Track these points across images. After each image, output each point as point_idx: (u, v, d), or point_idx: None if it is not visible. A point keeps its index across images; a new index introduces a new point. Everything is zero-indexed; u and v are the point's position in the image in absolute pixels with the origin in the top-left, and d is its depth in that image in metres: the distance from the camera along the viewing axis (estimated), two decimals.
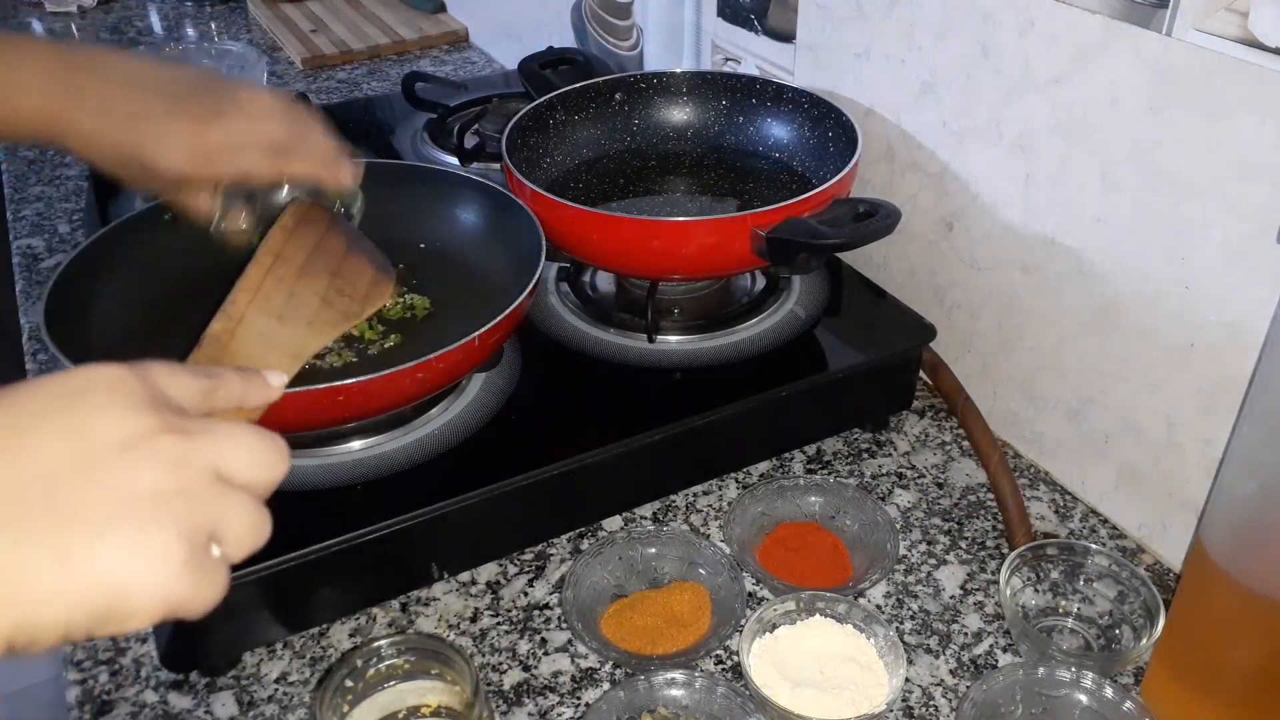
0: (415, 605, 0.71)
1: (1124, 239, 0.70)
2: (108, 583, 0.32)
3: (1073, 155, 0.71)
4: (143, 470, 0.34)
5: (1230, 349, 0.64)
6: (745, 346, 0.81)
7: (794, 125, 0.92)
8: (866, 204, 0.73)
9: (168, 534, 0.33)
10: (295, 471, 0.69)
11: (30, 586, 0.31)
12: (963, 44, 0.78)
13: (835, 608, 0.66)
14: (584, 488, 0.74)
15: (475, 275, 0.82)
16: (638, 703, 0.61)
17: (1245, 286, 0.62)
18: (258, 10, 1.83)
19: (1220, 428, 0.66)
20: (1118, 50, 0.66)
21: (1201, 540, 0.58)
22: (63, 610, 0.32)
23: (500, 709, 0.64)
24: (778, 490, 0.76)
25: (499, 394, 0.76)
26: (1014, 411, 0.84)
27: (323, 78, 1.57)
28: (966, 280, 0.84)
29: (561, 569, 0.73)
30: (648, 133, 0.97)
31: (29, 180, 1.27)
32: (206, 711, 0.64)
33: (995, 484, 0.78)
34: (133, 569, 0.33)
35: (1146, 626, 0.64)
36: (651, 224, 0.77)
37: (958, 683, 0.65)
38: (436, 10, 1.77)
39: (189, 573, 0.34)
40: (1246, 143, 0.60)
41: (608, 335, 0.83)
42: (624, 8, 1.27)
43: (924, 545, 0.75)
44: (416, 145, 1.19)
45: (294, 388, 0.62)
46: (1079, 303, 0.75)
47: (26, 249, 1.12)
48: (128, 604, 0.33)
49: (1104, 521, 0.77)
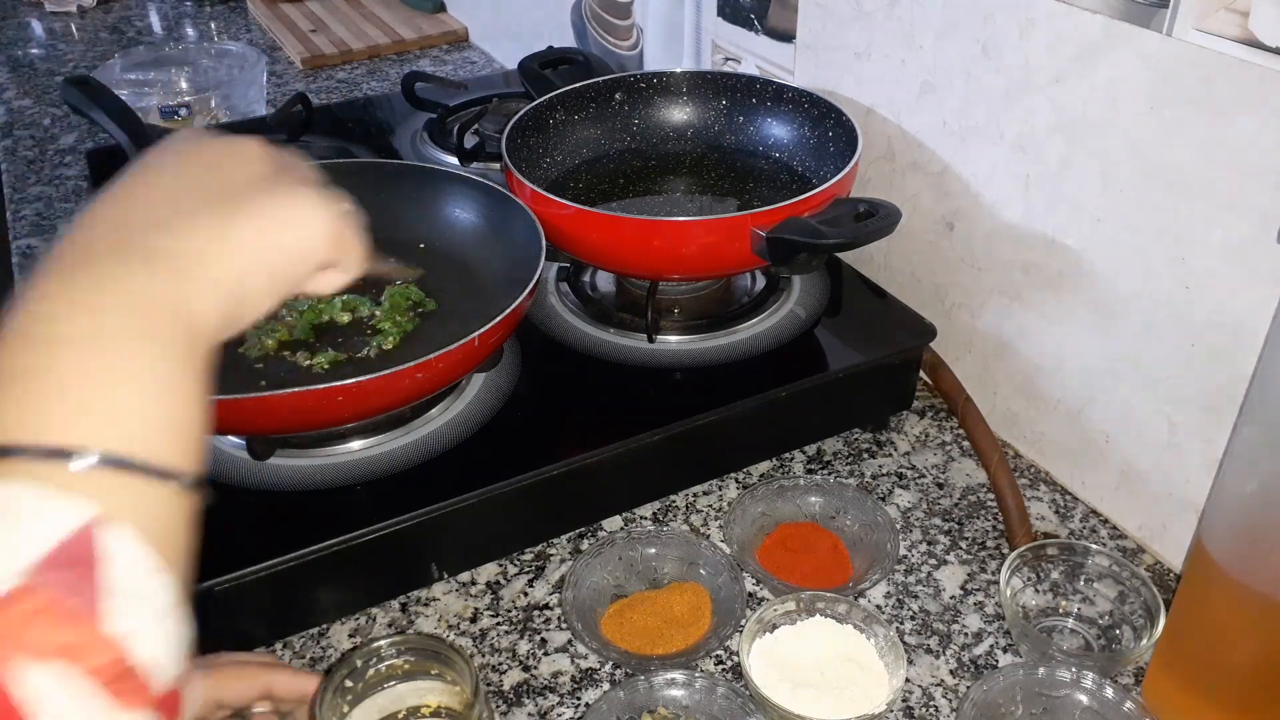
0: (415, 605, 0.71)
1: (1124, 239, 0.70)
2: (282, 219, 0.41)
3: (1073, 155, 0.71)
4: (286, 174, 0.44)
5: (1230, 349, 0.64)
6: (745, 346, 0.81)
7: (794, 125, 0.92)
8: (866, 204, 0.73)
9: (314, 194, 0.43)
10: (295, 471, 0.69)
11: (231, 241, 0.39)
12: (963, 44, 0.78)
13: (835, 608, 0.66)
14: (584, 488, 0.74)
15: (475, 275, 0.82)
16: (638, 703, 0.61)
17: (1245, 286, 0.62)
18: (257, 10, 1.83)
19: (1220, 428, 0.66)
20: (1118, 50, 0.66)
21: (1202, 540, 0.57)
22: (263, 252, 0.40)
23: (500, 709, 0.64)
24: (778, 490, 0.76)
25: (499, 394, 0.76)
26: (1014, 411, 0.84)
27: (322, 78, 1.57)
28: (967, 280, 0.84)
29: (561, 569, 0.73)
30: (648, 133, 0.97)
31: (29, 180, 1.27)
32: None
33: (995, 484, 0.78)
34: (296, 206, 0.42)
35: (1147, 627, 0.64)
36: (651, 224, 0.77)
37: (958, 683, 0.65)
38: (436, 10, 1.77)
39: (339, 215, 0.43)
40: (1246, 143, 0.60)
41: (608, 335, 0.83)
42: (624, 8, 1.27)
43: (924, 545, 0.75)
44: (416, 145, 1.19)
45: (294, 388, 0.62)
46: (1079, 303, 0.75)
47: (26, 249, 1.12)
48: (303, 232, 0.41)
49: (1104, 521, 0.77)
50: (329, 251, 0.43)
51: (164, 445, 0.34)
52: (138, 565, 0.32)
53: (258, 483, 0.68)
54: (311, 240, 0.42)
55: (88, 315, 0.34)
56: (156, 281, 0.36)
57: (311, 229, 0.42)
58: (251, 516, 0.67)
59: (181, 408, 0.35)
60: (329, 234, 0.42)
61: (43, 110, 1.48)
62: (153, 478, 0.33)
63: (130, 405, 0.34)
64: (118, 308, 0.35)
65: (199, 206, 0.39)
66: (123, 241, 0.37)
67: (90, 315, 0.34)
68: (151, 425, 0.34)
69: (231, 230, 0.39)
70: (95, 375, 0.33)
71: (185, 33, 1.81)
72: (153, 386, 0.35)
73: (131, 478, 0.33)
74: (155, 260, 0.37)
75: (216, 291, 0.38)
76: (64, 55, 1.70)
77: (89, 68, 1.60)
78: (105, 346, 0.34)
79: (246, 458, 0.69)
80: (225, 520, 0.66)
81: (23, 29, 1.82)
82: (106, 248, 0.37)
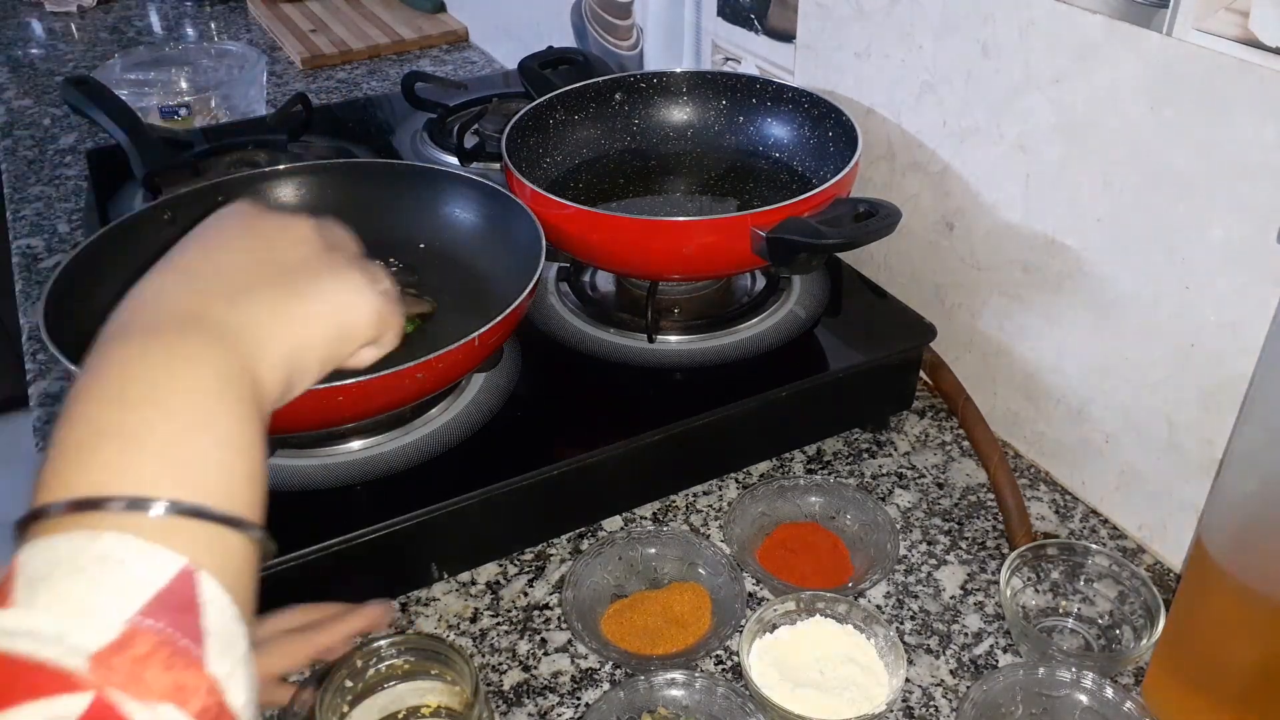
0: (415, 605, 0.71)
1: (1124, 239, 0.70)
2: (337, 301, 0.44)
3: (1073, 155, 0.71)
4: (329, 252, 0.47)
5: (1230, 349, 0.64)
6: (745, 346, 0.81)
7: (794, 125, 0.92)
8: (867, 204, 0.73)
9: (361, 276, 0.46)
10: (295, 471, 0.69)
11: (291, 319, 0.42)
12: (963, 44, 0.78)
13: (835, 608, 0.65)
14: (584, 488, 0.74)
15: (475, 275, 0.82)
16: (638, 703, 0.61)
17: (1245, 286, 0.62)
18: (257, 10, 1.83)
19: (1220, 428, 0.66)
20: (1118, 50, 0.66)
21: (1202, 540, 0.57)
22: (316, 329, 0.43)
23: (500, 709, 0.64)
24: (778, 490, 0.76)
25: (499, 394, 0.76)
26: (1014, 411, 0.84)
27: (322, 77, 1.57)
28: (967, 280, 0.84)
29: (561, 569, 0.73)
30: (648, 133, 0.97)
31: (29, 180, 1.27)
32: None
33: (995, 484, 0.78)
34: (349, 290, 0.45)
35: (1147, 627, 0.64)
36: (651, 224, 0.77)
37: (958, 683, 0.65)
38: (436, 10, 1.77)
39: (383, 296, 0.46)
40: (1246, 143, 0.60)
41: (608, 335, 0.83)
42: (624, 8, 1.27)
43: (924, 545, 0.75)
44: (416, 145, 1.19)
45: None
46: (1079, 303, 0.75)
47: (26, 249, 1.12)
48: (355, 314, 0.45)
49: (1104, 521, 0.77)
50: (374, 331, 0.46)
51: (238, 497, 0.36)
52: (226, 612, 0.34)
53: None
54: (361, 321, 0.45)
55: (165, 377, 0.36)
56: (226, 351, 0.39)
57: (361, 311, 0.45)
58: None
59: (252, 463, 0.37)
60: (376, 315, 0.46)
61: (43, 110, 1.48)
62: (229, 527, 0.35)
63: (209, 458, 0.36)
64: (193, 373, 0.37)
65: (258, 283, 0.42)
66: (193, 312, 0.39)
67: (167, 378, 0.36)
68: (227, 478, 0.36)
69: (292, 309, 0.42)
70: (176, 431, 0.35)
71: (185, 33, 1.81)
72: (228, 442, 0.36)
73: (211, 527, 0.34)
74: (224, 332, 0.39)
75: (277, 364, 0.41)
76: (64, 55, 1.70)
77: (89, 68, 1.60)
78: (184, 405, 0.36)
79: None
80: None
81: (23, 29, 1.82)
82: (177, 318, 0.39)
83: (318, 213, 0.48)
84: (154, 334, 0.38)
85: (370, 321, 0.46)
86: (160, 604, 0.31)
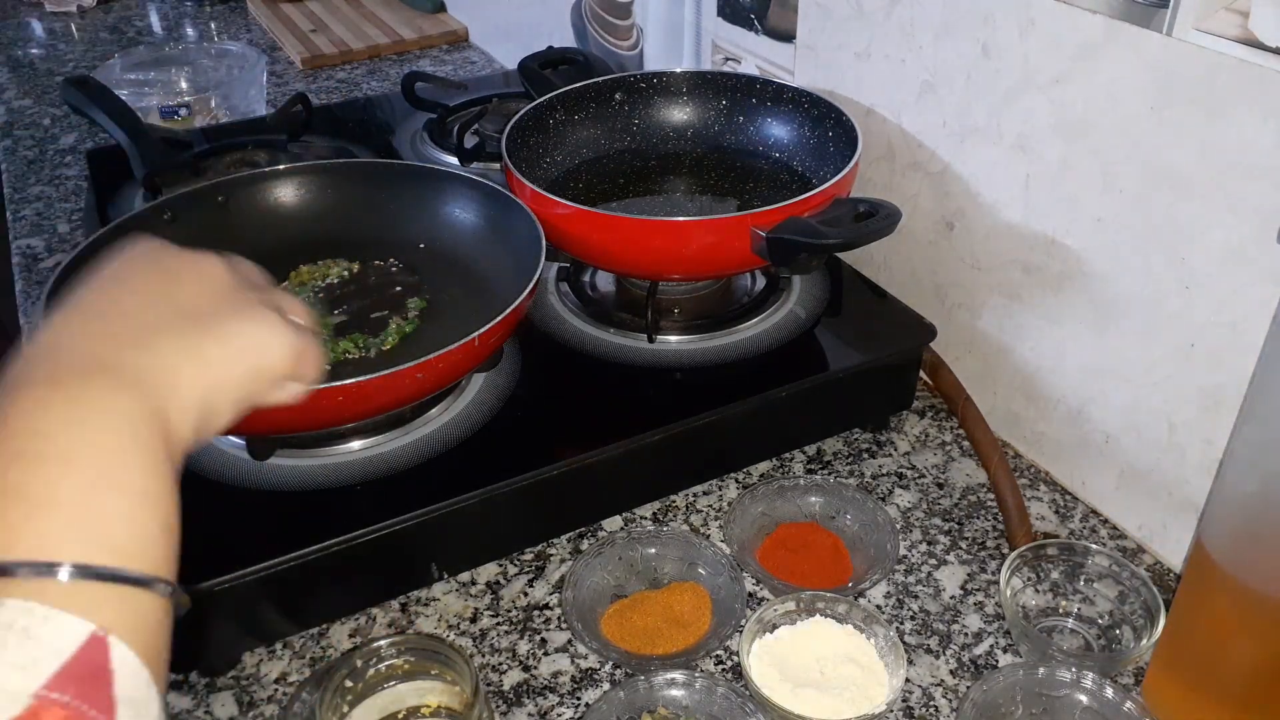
0: (415, 605, 0.71)
1: (1124, 239, 0.70)
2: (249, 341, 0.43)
3: (1073, 155, 0.71)
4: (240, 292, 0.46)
5: (1230, 349, 0.64)
6: (745, 346, 0.81)
7: (794, 125, 0.92)
8: (867, 204, 0.73)
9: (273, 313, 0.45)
10: (295, 471, 0.69)
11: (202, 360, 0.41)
12: (963, 44, 0.78)
13: (835, 608, 0.66)
14: (584, 488, 0.74)
15: (475, 275, 0.82)
16: (638, 703, 0.61)
17: (1245, 286, 0.62)
18: (257, 10, 1.83)
19: (1220, 428, 0.66)
20: (1118, 50, 0.66)
21: (1202, 540, 0.57)
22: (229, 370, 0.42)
23: (500, 709, 0.64)
24: (778, 490, 0.76)
25: (499, 394, 0.76)
26: (1014, 411, 0.84)
27: (322, 77, 1.57)
28: (967, 280, 0.84)
29: (561, 569, 0.73)
30: (648, 133, 0.97)
31: (29, 180, 1.27)
32: (206, 712, 0.64)
33: (995, 484, 0.78)
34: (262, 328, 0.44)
35: (1147, 627, 0.64)
36: (651, 224, 0.77)
37: (958, 683, 0.65)
38: (436, 10, 1.77)
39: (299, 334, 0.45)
40: (1246, 143, 0.60)
41: (608, 335, 0.83)
42: (624, 8, 1.27)
43: (924, 545, 0.75)
44: (416, 145, 1.19)
45: None
46: (1079, 303, 0.75)
47: (26, 249, 1.12)
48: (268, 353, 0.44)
49: (1104, 522, 0.77)
50: (290, 369, 0.45)
51: (149, 553, 0.35)
52: (138, 676, 0.33)
53: (258, 483, 0.68)
54: (275, 359, 0.44)
55: (71, 430, 0.35)
56: (135, 397, 0.37)
57: (274, 349, 0.44)
58: (251, 516, 0.67)
59: (164, 515, 0.36)
60: (290, 352, 0.45)
61: (43, 110, 1.48)
62: (140, 587, 0.34)
63: (118, 515, 0.35)
64: (100, 424, 0.36)
65: (166, 324, 0.41)
66: (98, 356, 0.38)
67: (74, 430, 0.35)
68: (138, 533, 0.35)
69: (202, 350, 0.41)
70: (82, 488, 0.34)
71: (185, 33, 1.81)
72: (137, 495, 0.35)
73: (121, 588, 0.33)
74: (132, 377, 0.38)
75: (189, 407, 0.40)
76: (64, 55, 1.70)
77: (89, 68, 1.60)
78: (90, 460, 0.35)
79: (246, 458, 0.69)
80: (225, 520, 0.67)
81: (23, 29, 1.82)
82: (81, 363, 0.38)
83: (318, 212, 0.48)
84: (56, 384, 0.36)
85: (284, 358, 0.45)
86: (68, 675, 0.30)
